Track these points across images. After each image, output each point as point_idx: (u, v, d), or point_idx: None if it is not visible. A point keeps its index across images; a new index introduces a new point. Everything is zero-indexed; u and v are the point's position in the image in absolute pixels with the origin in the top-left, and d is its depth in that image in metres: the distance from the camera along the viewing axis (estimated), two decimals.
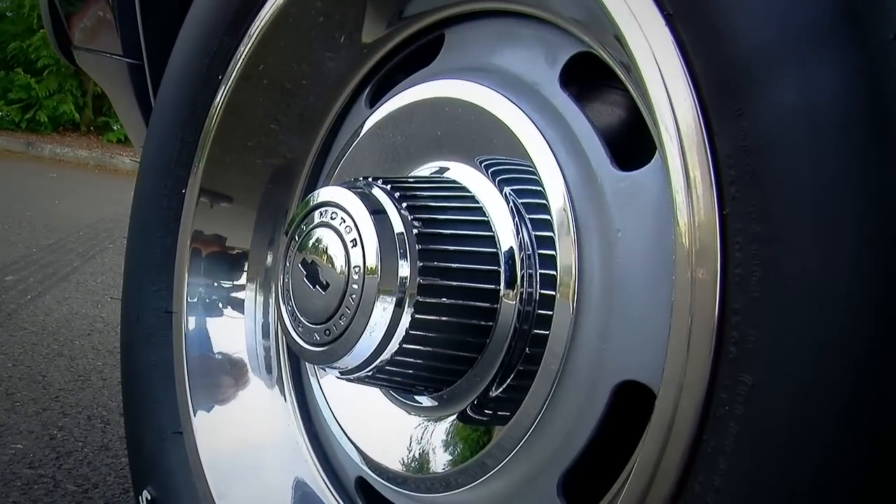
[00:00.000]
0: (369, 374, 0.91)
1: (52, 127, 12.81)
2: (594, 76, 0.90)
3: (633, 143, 0.83)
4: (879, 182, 0.56)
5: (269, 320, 1.28)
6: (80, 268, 4.45)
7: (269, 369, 1.26)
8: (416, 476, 0.99)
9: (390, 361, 0.89)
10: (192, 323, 1.25)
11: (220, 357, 1.25)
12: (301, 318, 0.94)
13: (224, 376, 1.24)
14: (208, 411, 1.22)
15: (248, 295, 1.29)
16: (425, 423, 0.98)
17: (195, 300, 1.26)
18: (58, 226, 5.67)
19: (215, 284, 1.28)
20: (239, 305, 1.29)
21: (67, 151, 11.90)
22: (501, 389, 0.89)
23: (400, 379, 0.93)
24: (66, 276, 4.18)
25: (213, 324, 1.26)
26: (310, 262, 0.93)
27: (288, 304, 0.96)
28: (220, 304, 1.28)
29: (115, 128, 12.75)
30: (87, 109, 13.23)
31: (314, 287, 0.92)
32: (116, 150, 12.41)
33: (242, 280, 1.29)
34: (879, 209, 0.56)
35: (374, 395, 1.05)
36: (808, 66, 0.59)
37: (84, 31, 1.85)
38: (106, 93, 1.98)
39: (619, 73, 0.83)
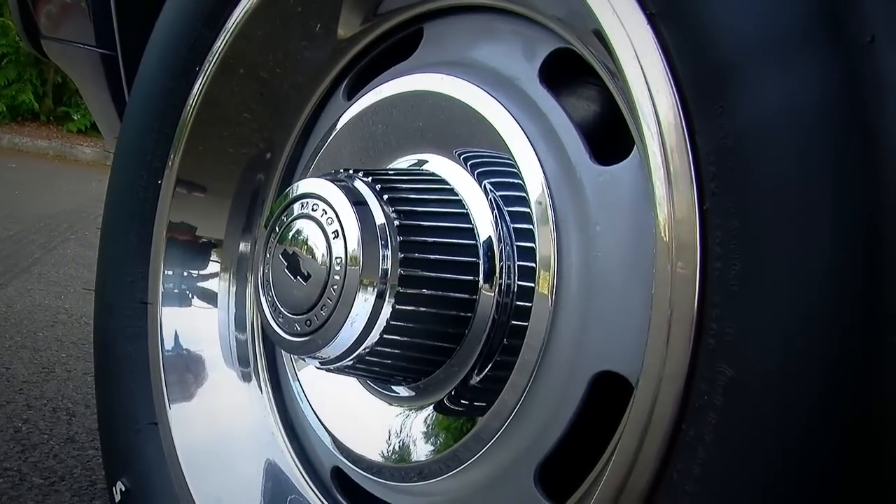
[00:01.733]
0: (349, 364, 0.91)
1: (11, 116, 12.61)
2: (573, 72, 0.91)
3: (611, 137, 0.85)
4: (857, 179, 0.57)
5: (244, 311, 1.28)
6: (42, 259, 4.39)
7: (244, 360, 1.26)
8: (392, 465, 0.99)
9: (371, 352, 0.89)
10: (167, 314, 1.25)
11: (195, 348, 1.25)
12: (281, 309, 0.94)
13: (200, 367, 1.24)
14: (184, 402, 1.22)
15: (222, 286, 1.29)
16: (402, 413, 0.99)
17: (170, 291, 1.26)
18: (18, 217, 5.58)
19: (191, 275, 1.27)
20: (213, 296, 1.29)
21: (27, 141, 11.73)
22: (479, 380, 0.90)
23: (379, 369, 0.94)
24: (27, 267, 4.13)
25: (188, 315, 1.26)
26: (291, 252, 0.93)
27: (268, 294, 0.96)
28: (195, 295, 1.28)
29: (75, 118, 12.60)
30: (46, 99, 13.04)
31: (295, 278, 0.92)
32: (77, 140, 12.25)
33: (217, 270, 1.29)
34: (857, 205, 0.57)
35: (350, 385, 1.06)
36: (788, 65, 0.60)
37: (54, 20, 1.83)
38: (76, 84, 1.96)
39: (598, 69, 0.84)
